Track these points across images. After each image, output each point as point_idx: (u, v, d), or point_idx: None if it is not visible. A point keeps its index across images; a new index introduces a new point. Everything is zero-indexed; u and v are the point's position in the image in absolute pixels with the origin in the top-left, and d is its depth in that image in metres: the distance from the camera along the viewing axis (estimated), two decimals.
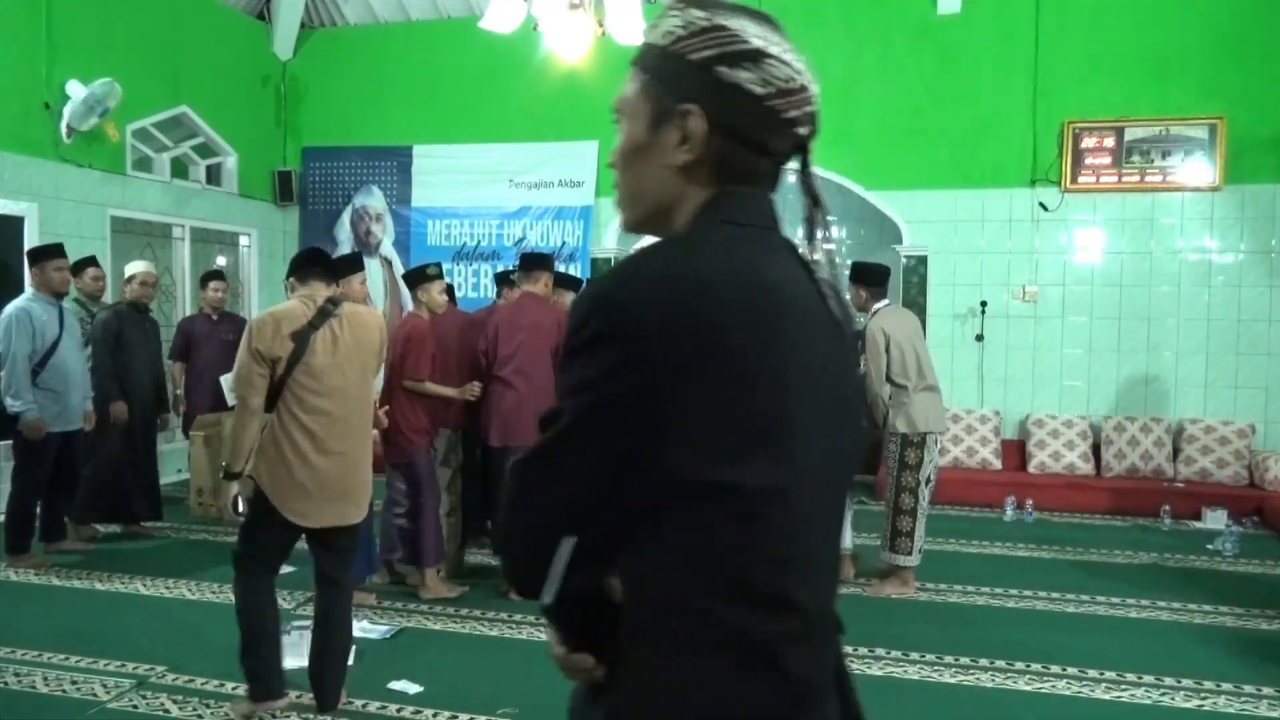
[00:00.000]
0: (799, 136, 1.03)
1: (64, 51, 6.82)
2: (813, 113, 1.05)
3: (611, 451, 0.91)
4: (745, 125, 1.00)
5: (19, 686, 3.68)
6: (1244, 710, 3.60)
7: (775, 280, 0.96)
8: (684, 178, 1.01)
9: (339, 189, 9.15)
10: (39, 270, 5.26)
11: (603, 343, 0.91)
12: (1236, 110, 7.19)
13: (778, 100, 1.00)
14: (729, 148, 1.00)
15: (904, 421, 4.91)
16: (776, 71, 0.99)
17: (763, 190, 1.03)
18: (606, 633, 0.95)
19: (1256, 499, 6.74)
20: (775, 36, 1.01)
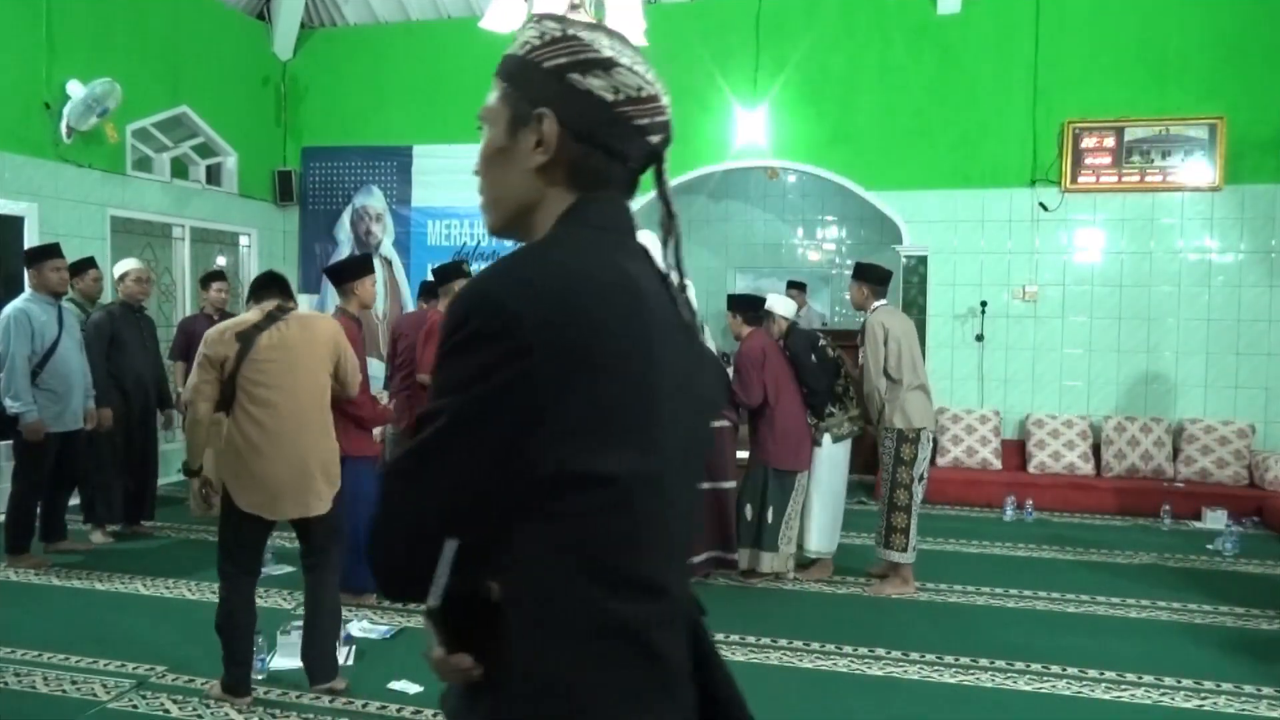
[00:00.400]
0: (651, 144, 1.07)
1: (64, 51, 6.82)
2: (664, 122, 1.08)
3: (494, 448, 0.94)
4: (596, 130, 1.04)
5: (19, 686, 3.68)
6: (1244, 710, 3.60)
7: (638, 281, 1.01)
8: (541, 180, 1.06)
9: (339, 189, 9.15)
10: (36, 271, 5.26)
11: (484, 340, 0.93)
12: (1236, 110, 7.19)
13: (628, 107, 1.04)
14: (582, 151, 1.04)
15: (900, 417, 4.97)
16: (626, 80, 1.03)
17: (619, 196, 1.08)
18: (483, 632, 0.96)
19: (1256, 499, 6.74)
20: (627, 50, 1.05)
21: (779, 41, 7.97)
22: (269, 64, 9.00)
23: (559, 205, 1.06)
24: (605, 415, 0.95)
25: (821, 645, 4.23)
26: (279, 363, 3.39)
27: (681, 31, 8.02)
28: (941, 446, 7.61)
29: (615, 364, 0.95)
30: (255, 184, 8.89)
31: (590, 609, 0.96)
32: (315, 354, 3.53)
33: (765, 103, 8.02)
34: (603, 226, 1.05)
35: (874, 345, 4.98)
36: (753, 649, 4.19)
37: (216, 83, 8.32)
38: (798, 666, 4.00)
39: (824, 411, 5.21)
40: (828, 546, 5.30)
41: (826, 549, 5.29)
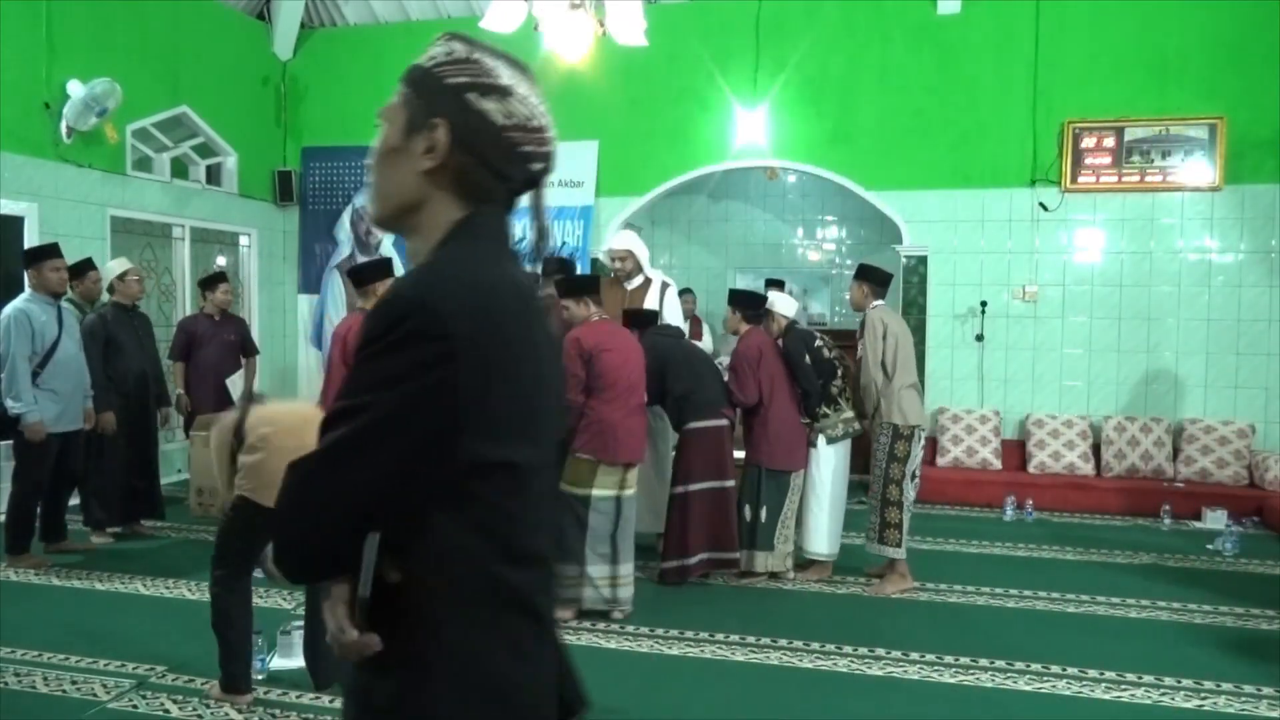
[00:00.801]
0: (532, 171, 1.17)
1: (64, 51, 6.82)
2: (548, 153, 1.18)
3: (418, 443, 1.02)
4: (484, 147, 1.14)
5: (19, 686, 3.68)
6: (1244, 710, 3.60)
7: (527, 290, 1.15)
8: (428, 183, 1.15)
9: (339, 189, 9.15)
10: (36, 271, 5.25)
11: (414, 341, 1.01)
12: (1236, 110, 7.19)
13: (516, 133, 1.14)
14: (468, 164, 1.14)
15: (897, 413, 5.02)
16: (518, 108, 1.14)
17: (501, 210, 1.18)
18: (388, 611, 1.06)
19: (1256, 499, 6.74)
20: (525, 81, 1.16)
21: (779, 41, 7.97)
22: (269, 64, 9.00)
23: (442, 209, 1.15)
24: (512, 411, 1.08)
25: (821, 645, 4.23)
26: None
27: (681, 31, 8.02)
28: (941, 446, 7.61)
29: (519, 366, 1.08)
30: (255, 184, 8.89)
31: (494, 581, 1.08)
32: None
33: (765, 103, 8.02)
34: (494, 239, 1.16)
35: (873, 339, 5.05)
36: (753, 649, 4.19)
37: (216, 83, 8.32)
38: (798, 666, 4.00)
39: (817, 413, 5.21)
40: (828, 549, 5.29)
41: (827, 552, 5.29)
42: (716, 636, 4.33)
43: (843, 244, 10.06)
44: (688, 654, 4.15)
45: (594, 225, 8.44)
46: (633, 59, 7.33)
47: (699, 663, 4.06)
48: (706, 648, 4.21)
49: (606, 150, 8.36)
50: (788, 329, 5.32)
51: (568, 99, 8.26)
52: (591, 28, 5.06)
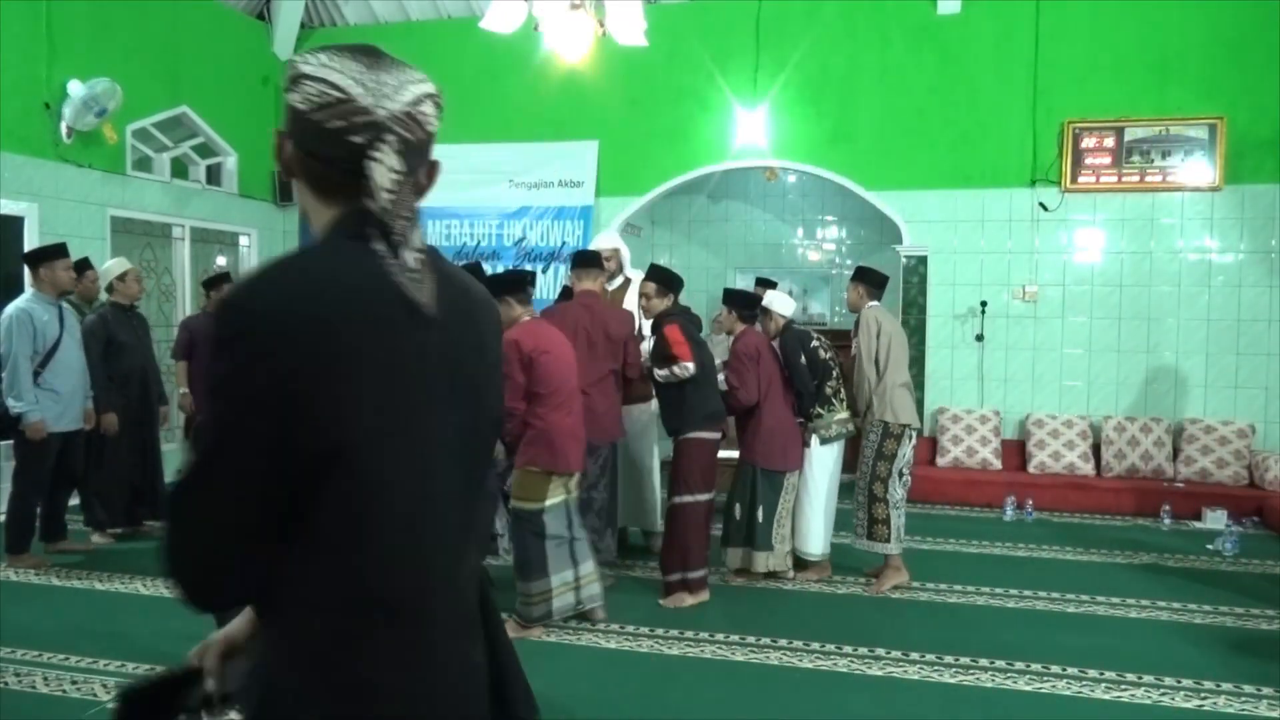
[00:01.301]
0: (354, 144, 1.12)
1: (64, 51, 6.82)
2: (365, 122, 1.11)
3: (260, 447, 1.02)
4: (302, 139, 1.14)
5: (19, 686, 3.68)
6: (1244, 710, 3.60)
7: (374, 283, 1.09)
8: (299, 190, 1.18)
9: None
10: (48, 269, 5.23)
11: (234, 344, 1.03)
12: (1236, 110, 7.19)
13: (319, 114, 1.11)
14: (301, 160, 1.15)
15: (889, 411, 5.06)
16: (310, 89, 1.11)
17: (356, 198, 1.12)
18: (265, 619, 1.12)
19: (1256, 499, 6.74)
20: (338, 59, 1.12)
21: (779, 41, 7.98)
22: (269, 64, 9.00)
23: (315, 211, 1.16)
24: (347, 406, 1.04)
25: (821, 645, 4.23)
26: None
27: (681, 31, 8.02)
28: (941, 446, 7.62)
29: (352, 360, 1.04)
30: (255, 184, 8.89)
31: (357, 588, 1.06)
32: None
33: (765, 103, 8.02)
34: (355, 236, 1.11)
35: (867, 336, 5.11)
36: (753, 649, 4.19)
37: (216, 83, 8.32)
38: (798, 666, 4.00)
39: (810, 413, 5.21)
40: (822, 550, 5.30)
41: (821, 552, 5.30)
42: (716, 636, 4.33)
43: (843, 244, 10.06)
44: (688, 654, 4.15)
45: (594, 225, 8.43)
46: (633, 59, 7.33)
47: (699, 663, 4.06)
48: (706, 648, 4.21)
49: (606, 150, 8.36)
50: (785, 328, 5.32)
51: (568, 99, 8.28)
52: (591, 28, 5.06)
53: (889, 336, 5.11)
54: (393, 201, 1.10)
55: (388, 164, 1.11)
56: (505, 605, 4.68)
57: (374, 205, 1.10)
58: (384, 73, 1.13)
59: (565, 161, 8.48)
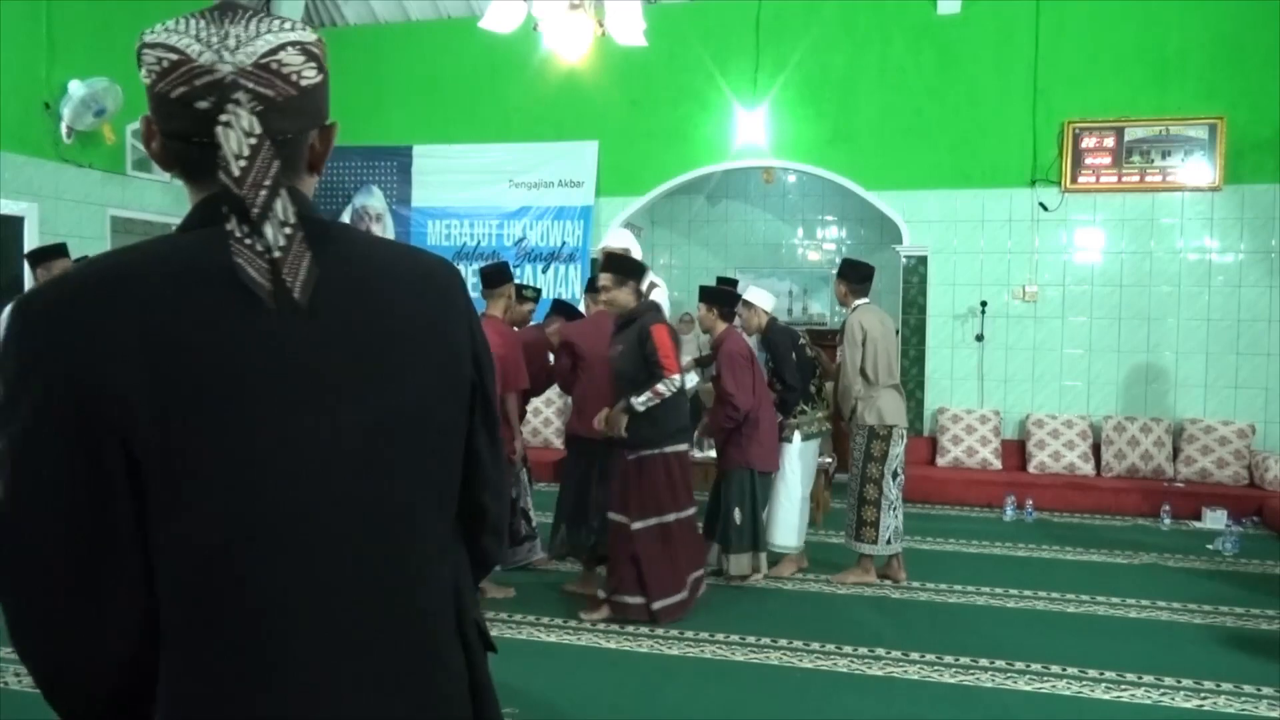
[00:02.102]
0: (199, 110, 0.97)
1: (64, 51, 6.82)
2: (207, 84, 0.96)
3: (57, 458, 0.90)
4: (156, 116, 1.01)
5: (19, 686, 3.68)
6: (1244, 710, 3.60)
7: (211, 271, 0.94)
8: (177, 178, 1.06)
9: (339, 189, 9.15)
10: (45, 270, 5.21)
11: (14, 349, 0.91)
12: (1236, 110, 7.19)
13: (161, 84, 0.98)
14: (160, 142, 1.02)
15: (873, 415, 5.06)
16: (149, 57, 0.98)
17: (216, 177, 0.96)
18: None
19: (1256, 499, 6.74)
20: (176, 24, 0.98)
21: (779, 41, 7.98)
22: None
23: (191, 196, 1.04)
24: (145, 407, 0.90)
25: (821, 645, 4.23)
26: None
27: (681, 31, 8.02)
28: (941, 446, 7.62)
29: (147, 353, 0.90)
30: None
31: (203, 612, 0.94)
32: None
33: (765, 103, 8.02)
34: (186, 227, 1.01)
35: (852, 346, 5.07)
36: (753, 649, 4.19)
37: None
38: (798, 666, 4.00)
39: (796, 410, 5.20)
40: (797, 542, 5.33)
41: (796, 545, 5.33)
42: (716, 636, 4.33)
43: (843, 244, 10.06)
44: (688, 654, 4.15)
45: (594, 225, 8.44)
46: (633, 59, 7.33)
47: (699, 663, 4.06)
48: (706, 648, 4.21)
49: (606, 150, 8.36)
50: (770, 325, 5.29)
51: (568, 99, 8.27)
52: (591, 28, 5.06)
53: (874, 343, 5.06)
54: (245, 169, 0.94)
55: (241, 126, 0.95)
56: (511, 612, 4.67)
57: (224, 178, 0.94)
58: (232, 25, 0.98)
59: (565, 161, 8.48)
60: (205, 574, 0.92)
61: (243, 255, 0.93)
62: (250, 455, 0.93)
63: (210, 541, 0.92)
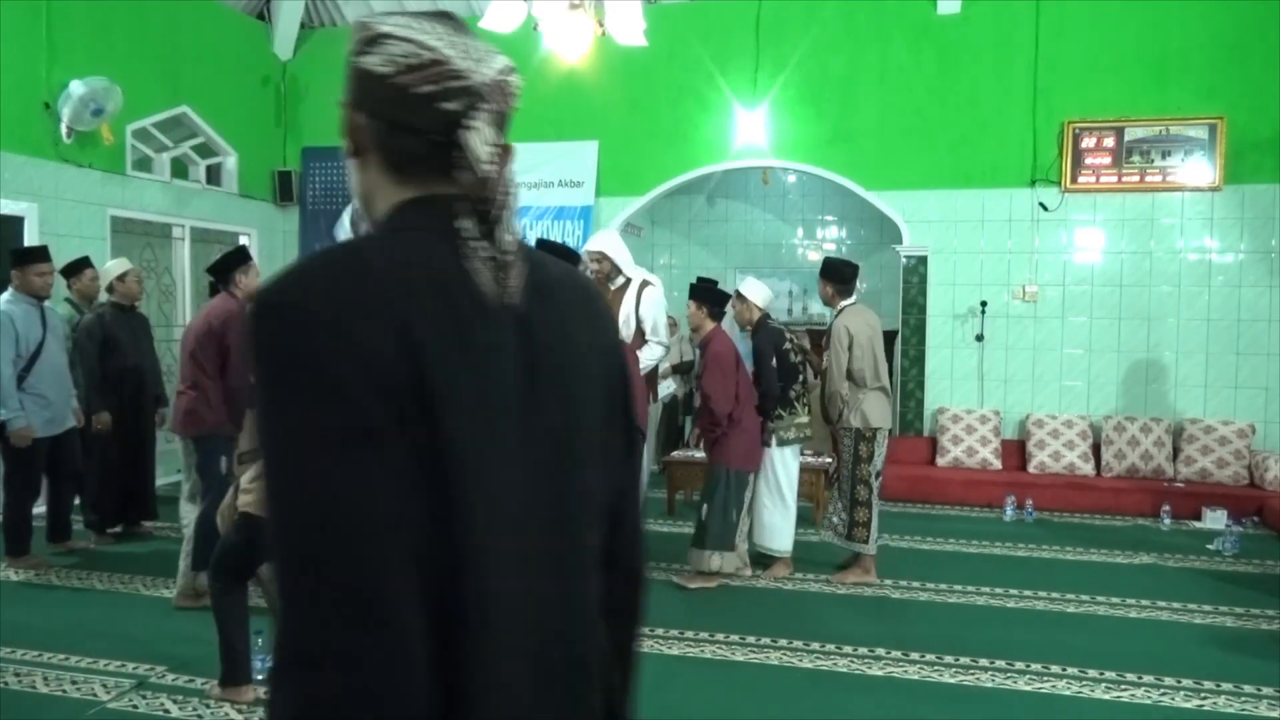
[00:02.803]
0: (444, 110, 0.99)
1: (64, 51, 6.82)
2: (459, 87, 0.99)
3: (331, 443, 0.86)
4: (380, 107, 1.01)
5: (19, 686, 3.68)
6: (1244, 710, 3.60)
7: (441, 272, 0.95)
8: (365, 169, 1.05)
9: (339, 189, 9.15)
10: (20, 273, 5.19)
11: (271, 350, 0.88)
12: (1236, 110, 7.19)
13: (405, 77, 0.99)
14: (379, 131, 1.02)
15: (859, 418, 5.11)
16: (395, 49, 0.99)
17: (435, 178, 1.00)
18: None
19: (1256, 499, 6.74)
20: (417, 22, 1.01)
21: (779, 42, 7.98)
22: (269, 64, 9.00)
23: (382, 193, 1.03)
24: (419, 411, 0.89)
25: (821, 645, 4.23)
26: None
27: (681, 31, 8.02)
28: (941, 446, 7.62)
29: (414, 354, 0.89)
30: (255, 184, 8.90)
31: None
32: None
33: (765, 103, 8.02)
34: (406, 227, 0.99)
35: (838, 350, 5.11)
36: (753, 649, 4.19)
37: (216, 83, 8.32)
38: (798, 666, 4.00)
39: (773, 414, 5.19)
40: (786, 545, 5.34)
41: (784, 548, 5.33)
42: (716, 636, 4.33)
43: (843, 244, 10.06)
44: (688, 654, 4.15)
45: (594, 225, 8.43)
46: (633, 59, 7.33)
47: (699, 663, 4.06)
48: (706, 648, 4.21)
49: (606, 150, 8.36)
50: (760, 323, 5.27)
51: (568, 99, 8.27)
52: (591, 28, 5.06)
53: (860, 347, 5.10)
54: (490, 173, 0.99)
55: (484, 134, 1.00)
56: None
57: (468, 179, 0.98)
58: (469, 38, 1.02)
59: (565, 161, 8.48)
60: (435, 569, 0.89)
61: (476, 259, 0.96)
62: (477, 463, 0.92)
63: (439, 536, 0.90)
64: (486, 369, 0.95)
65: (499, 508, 0.94)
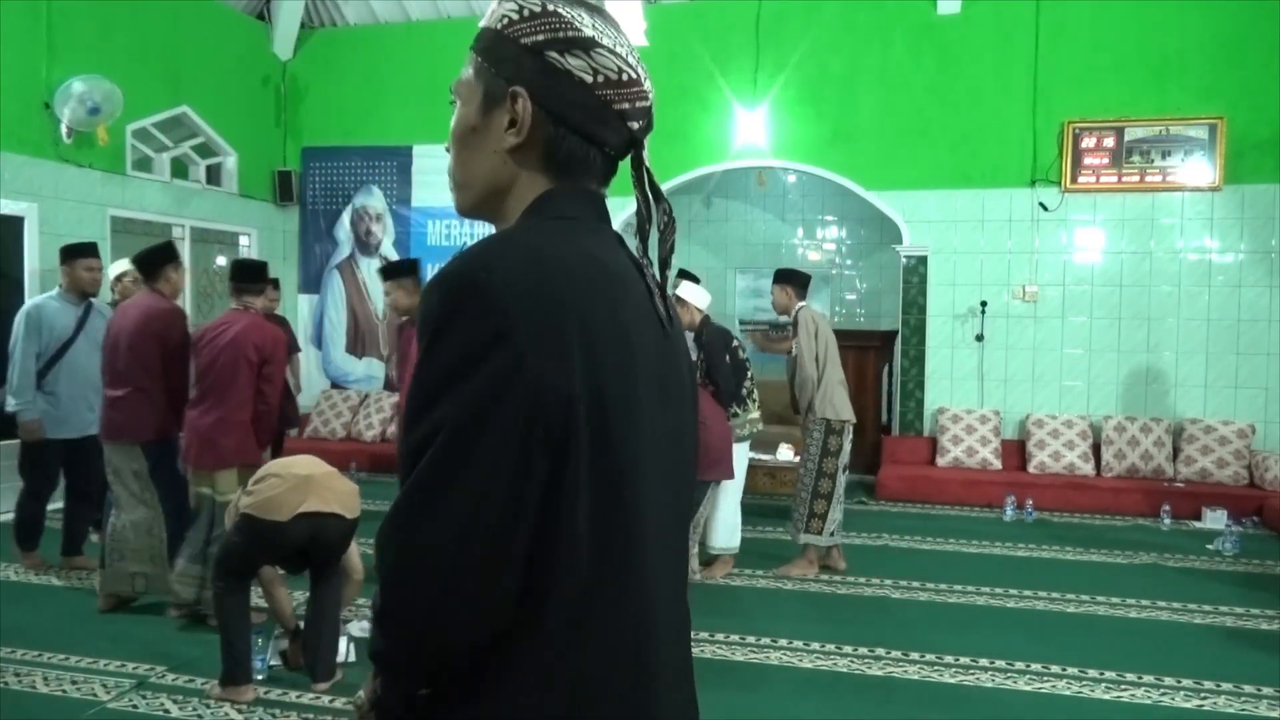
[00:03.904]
0: (631, 130, 1.01)
1: (64, 51, 6.82)
2: (646, 108, 1.02)
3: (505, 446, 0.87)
4: (573, 112, 0.98)
5: (19, 686, 3.68)
6: (1244, 710, 3.60)
7: (609, 265, 0.97)
8: (514, 162, 1.00)
9: (339, 189, 9.15)
10: (69, 268, 5.15)
11: (464, 326, 0.87)
12: (1236, 110, 7.19)
13: (607, 90, 0.98)
14: (558, 134, 0.99)
15: (829, 409, 5.19)
16: (606, 61, 0.97)
17: (593, 183, 1.02)
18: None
19: (1256, 499, 6.74)
20: (609, 29, 1.00)
21: (779, 42, 7.97)
22: (269, 64, 9.00)
23: (531, 190, 1.00)
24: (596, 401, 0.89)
25: (821, 645, 4.23)
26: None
27: (681, 31, 8.02)
28: (941, 446, 7.62)
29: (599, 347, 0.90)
30: (255, 184, 8.89)
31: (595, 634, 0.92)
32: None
33: (765, 103, 8.02)
34: (572, 216, 0.99)
35: (807, 337, 5.22)
36: (753, 649, 4.19)
37: (216, 83, 8.32)
38: (798, 666, 4.00)
39: (729, 412, 5.19)
40: (731, 543, 5.34)
41: (729, 546, 5.33)
42: (716, 636, 4.33)
43: (843, 244, 10.06)
44: None
45: None
46: None
47: (699, 663, 4.03)
48: (707, 648, 4.21)
49: None
50: (704, 323, 5.27)
51: None
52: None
53: (825, 338, 5.25)
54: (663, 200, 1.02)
55: (647, 155, 1.02)
56: None
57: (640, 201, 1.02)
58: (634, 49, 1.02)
59: None
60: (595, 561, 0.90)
61: (649, 278, 1.01)
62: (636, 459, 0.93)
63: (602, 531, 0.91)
64: (647, 369, 0.96)
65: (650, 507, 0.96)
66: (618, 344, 0.92)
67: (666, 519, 1.00)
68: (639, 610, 0.95)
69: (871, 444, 8.08)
